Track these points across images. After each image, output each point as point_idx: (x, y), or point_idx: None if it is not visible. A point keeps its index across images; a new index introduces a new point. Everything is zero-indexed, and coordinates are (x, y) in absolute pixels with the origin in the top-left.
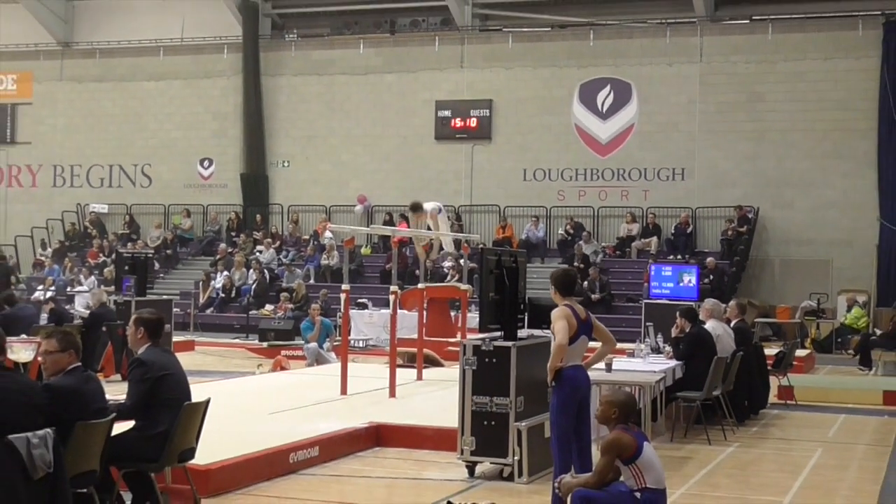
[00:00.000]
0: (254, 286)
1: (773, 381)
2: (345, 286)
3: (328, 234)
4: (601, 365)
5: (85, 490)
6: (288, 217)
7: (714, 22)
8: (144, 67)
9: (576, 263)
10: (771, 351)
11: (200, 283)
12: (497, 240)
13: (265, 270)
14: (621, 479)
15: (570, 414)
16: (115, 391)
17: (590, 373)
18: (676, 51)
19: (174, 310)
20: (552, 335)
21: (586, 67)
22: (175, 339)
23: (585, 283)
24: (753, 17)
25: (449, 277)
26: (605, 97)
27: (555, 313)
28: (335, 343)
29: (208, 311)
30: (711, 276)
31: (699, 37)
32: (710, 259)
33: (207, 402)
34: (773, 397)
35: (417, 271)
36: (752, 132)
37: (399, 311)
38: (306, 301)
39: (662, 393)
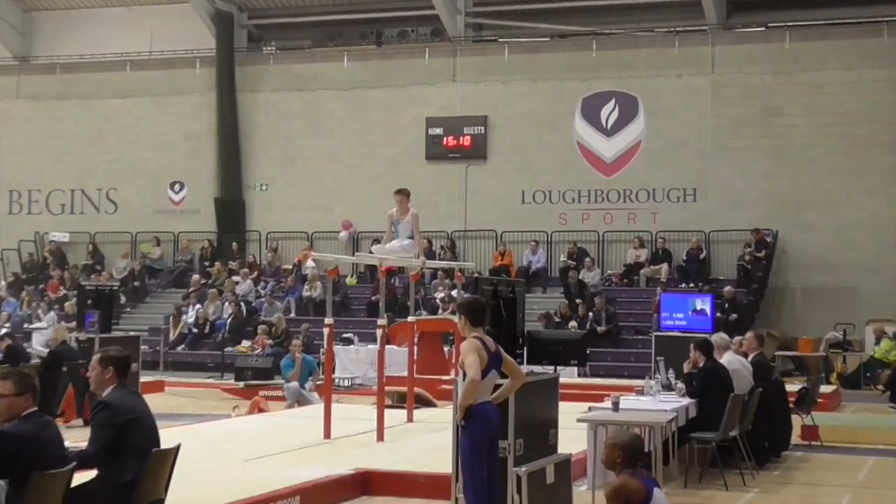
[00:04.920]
0: (229, 320)
1: (796, 420)
2: (328, 320)
3: (310, 263)
4: (607, 404)
5: None
6: (266, 245)
7: (727, 30)
8: (109, 84)
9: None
10: (793, 387)
11: (171, 318)
12: (494, 268)
13: (242, 303)
14: None
15: (483, 453)
16: (76, 437)
17: (596, 413)
18: (686, 61)
19: (142, 347)
20: (461, 370)
21: (589, 80)
22: (143, 379)
23: (590, 313)
24: (769, 25)
25: (441, 309)
26: (609, 112)
27: (464, 346)
28: (318, 382)
29: (179, 349)
30: (727, 306)
31: (711, 46)
32: (727, 288)
33: (178, 448)
34: (795, 438)
35: (408, 303)
36: (769, 148)
37: (387, 346)
38: (287, 336)
39: (674, 434)
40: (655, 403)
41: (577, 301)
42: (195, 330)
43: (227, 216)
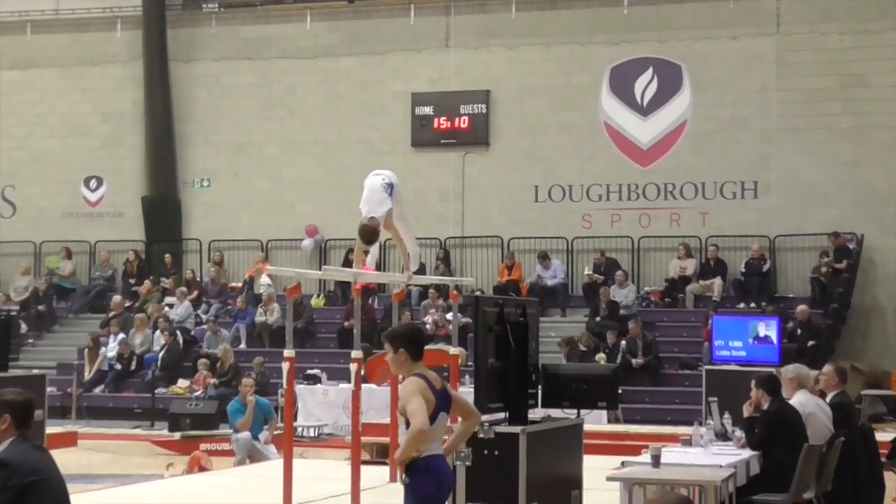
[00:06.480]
0: (161, 354)
1: (889, 478)
2: (288, 352)
3: (265, 279)
4: (645, 458)
5: None
6: (209, 257)
7: None
8: (4, 51)
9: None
10: (885, 435)
11: (86, 352)
12: (499, 284)
13: (178, 332)
14: None
15: None
16: None
17: (631, 469)
18: (744, 19)
19: (49, 389)
20: (403, 418)
21: (619, 45)
22: (49, 430)
23: (623, 342)
24: None
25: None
26: (645, 85)
27: (405, 388)
28: (276, 432)
29: (97, 391)
30: (799, 332)
31: None
32: (801, 307)
33: None
34: (889, 500)
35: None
36: (851, 129)
37: (364, 385)
38: (235, 374)
39: (732, 495)
40: (707, 457)
41: (604, 323)
42: (118, 366)
43: (157, 220)
